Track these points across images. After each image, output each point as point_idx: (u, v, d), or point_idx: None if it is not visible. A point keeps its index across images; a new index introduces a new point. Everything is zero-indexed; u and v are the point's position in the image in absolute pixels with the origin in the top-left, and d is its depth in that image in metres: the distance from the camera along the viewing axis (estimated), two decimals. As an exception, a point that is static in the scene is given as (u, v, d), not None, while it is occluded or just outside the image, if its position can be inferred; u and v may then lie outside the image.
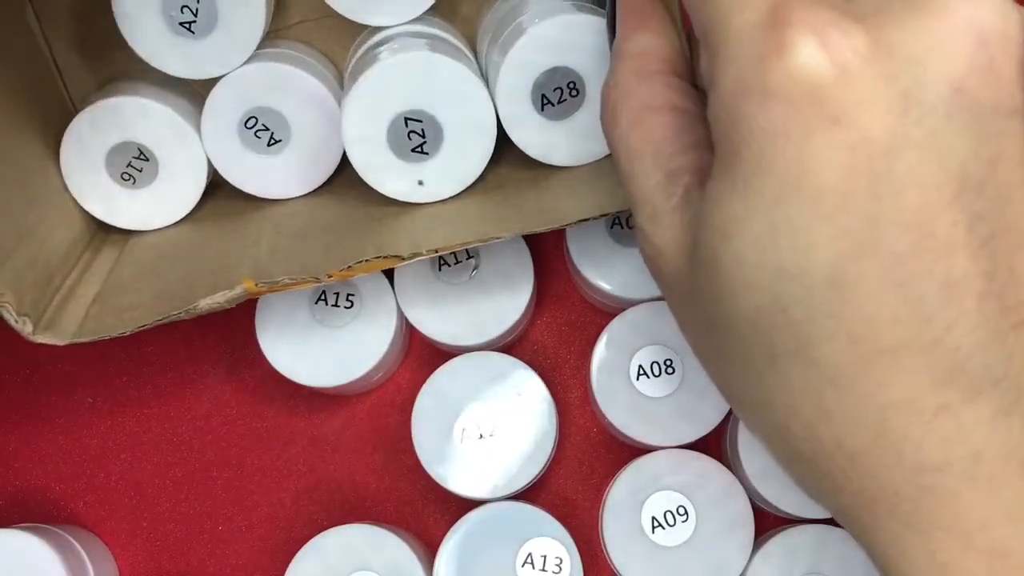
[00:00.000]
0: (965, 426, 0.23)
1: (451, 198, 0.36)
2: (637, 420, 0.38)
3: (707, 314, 0.26)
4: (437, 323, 0.38)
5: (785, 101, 0.23)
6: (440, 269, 0.38)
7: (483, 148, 0.35)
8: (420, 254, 0.32)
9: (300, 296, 0.38)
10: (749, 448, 0.38)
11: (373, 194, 0.36)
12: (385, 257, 0.32)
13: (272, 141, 0.37)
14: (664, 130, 0.28)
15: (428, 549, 0.40)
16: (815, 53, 0.23)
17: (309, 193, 0.38)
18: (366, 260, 0.32)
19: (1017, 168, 0.23)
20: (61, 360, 0.42)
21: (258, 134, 0.37)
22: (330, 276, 0.32)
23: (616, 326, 0.39)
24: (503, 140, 0.36)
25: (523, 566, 0.37)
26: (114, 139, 0.37)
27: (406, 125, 0.34)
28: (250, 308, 0.39)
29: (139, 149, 0.37)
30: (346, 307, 0.39)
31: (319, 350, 0.38)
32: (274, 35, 0.38)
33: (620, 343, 0.38)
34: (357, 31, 0.38)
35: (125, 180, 0.38)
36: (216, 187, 0.39)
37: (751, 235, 0.24)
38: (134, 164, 0.38)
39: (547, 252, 0.42)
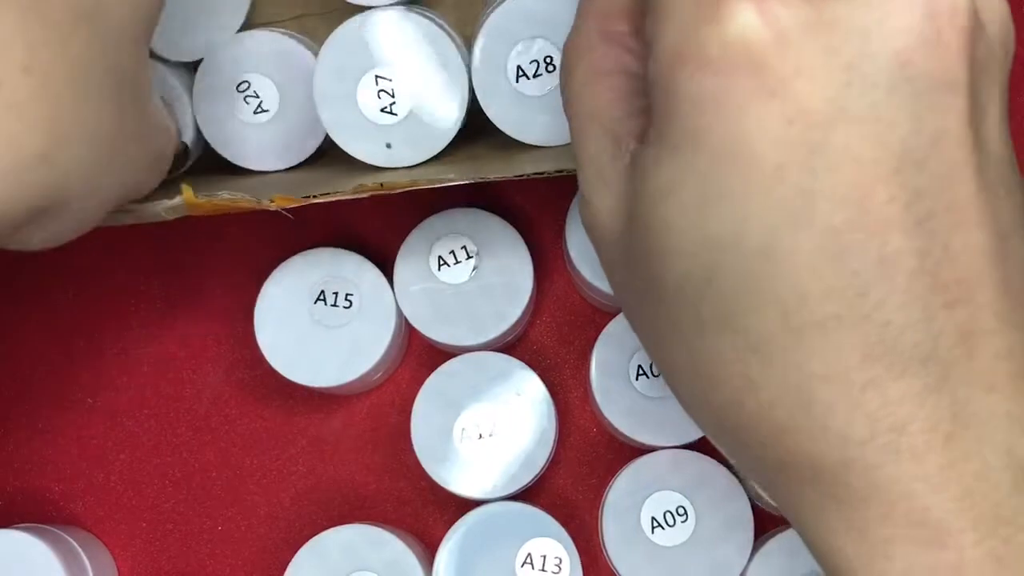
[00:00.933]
0: (891, 401, 0.23)
1: (419, 165, 0.35)
2: (637, 420, 0.38)
3: (640, 280, 0.26)
4: (436, 323, 0.38)
5: (720, 70, 0.23)
6: (439, 269, 0.38)
7: (453, 115, 0.35)
8: (364, 187, 0.32)
9: (299, 296, 0.38)
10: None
11: (352, 169, 0.35)
12: (327, 193, 0.32)
13: (260, 109, 0.37)
14: (615, 92, 0.27)
15: (428, 549, 0.40)
16: (753, 21, 0.22)
17: (287, 168, 0.38)
18: (313, 196, 0.32)
19: (960, 146, 0.23)
20: (59, 359, 0.42)
21: (247, 100, 0.37)
22: (273, 200, 0.32)
23: (616, 326, 0.39)
24: (480, 122, 0.36)
25: (522, 566, 0.37)
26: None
27: (376, 83, 0.34)
28: (249, 309, 0.39)
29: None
30: (345, 307, 0.38)
31: (318, 350, 0.38)
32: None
33: (620, 343, 0.38)
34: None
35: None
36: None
37: (683, 202, 0.24)
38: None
39: (547, 252, 0.42)
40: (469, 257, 0.38)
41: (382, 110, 0.35)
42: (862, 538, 0.24)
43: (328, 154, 0.37)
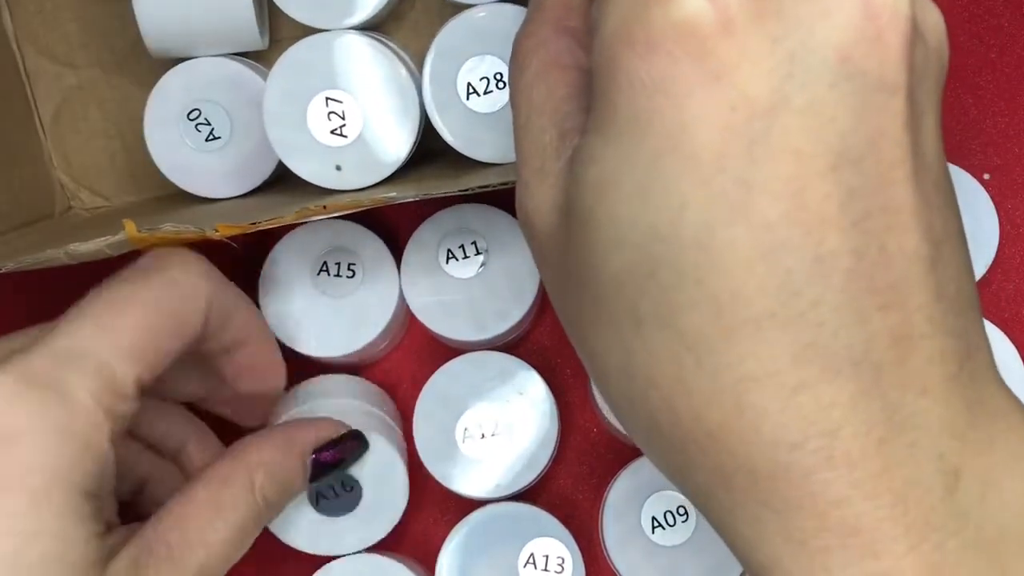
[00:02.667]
0: (823, 404, 0.23)
1: (370, 187, 0.35)
2: (637, 420, 0.38)
3: (577, 274, 0.25)
4: (439, 316, 0.39)
5: (666, 53, 0.22)
6: (448, 263, 0.38)
7: (405, 138, 0.35)
8: (308, 210, 0.32)
9: (302, 268, 0.38)
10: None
11: (303, 193, 0.35)
12: (272, 219, 0.32)
13: (211, 137, 0.37)
14: (567, 88, 0.27)
15: (430, 549, 0.40)
16: (701, 5, 0.22)
17: (239, 196, 0.38)
18: (256, 222, 0.32)
19: (896, 147, 0.23)
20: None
21: (199, 127, 0.37)
22: (217, 230, 0.32)
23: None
24: (430, 143, 0.36)
25: (525, 566, 0.37)
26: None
27: (327, 105, 0.34)
28: (253, 290, 0.39)
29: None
30: (348, 277, 0.39)
31: (324, 320, 0.38)
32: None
33: (621, 344, 0.39)
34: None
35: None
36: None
37: (624, 192, 0.23)
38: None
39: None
40: (478, 253, 0.38)
41: (332, 132, 0.35)
42: (800, 549, 0.24)
43: (282, 180, 0.37)
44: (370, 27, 0.37)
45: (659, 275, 0.23)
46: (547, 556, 0.37)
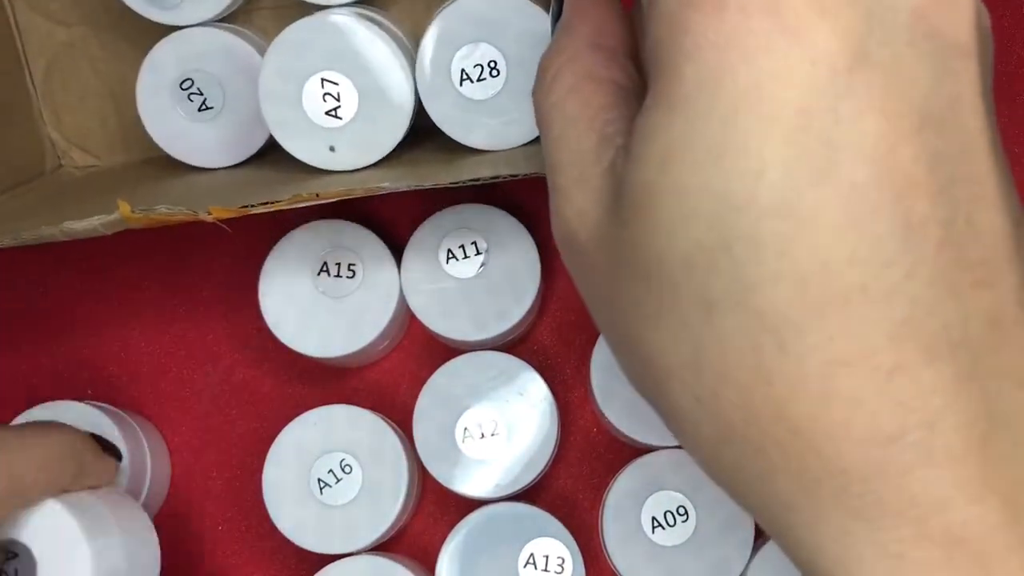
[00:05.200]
0: (923, 390, 0.21)
1: (362, 169, 0.36)
2: (637, 420, 0.38)
3: (633, 268, 0.23)
4: (439, 315, 0.39)
5: (738, 8, 0.21)
6: (448, 263, 0.38)
7: (398, 120, 0.35)
8: (300, 197, 0.32)
9: (302, 269, 0.39)
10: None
11: (295, 170, 0.36)
12: (266, 203, 0.32)
13: (204, 107, 0.37)
14: (605, 97, 0.26)
15: (430, 549, 0.40)
16: None
17: (232, 166, 0.38)
18: (251, 205, 0.32)
19: (975, 114, 0.22)
20: (60, 357, 0.42)
21: (191, 97, 0.37)
22: (210, 213, 0.32)
23: (617, 327, 0.39)
24: (424, 125, 0.36)
25: (525, 566, 0.37)
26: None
27: (322, 86, 0.35)
28: (253, 290, 0.39)
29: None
30: (348, 277, 0.39)
31: (325, 321, 0.38)
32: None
33: (621, 344, 0.39)
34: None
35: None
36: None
37: (693, 159, 0.21)
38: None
39: (553, 253, 0.42)
40: (478, 253, 0.38)
41: (327, 113, 0.35)
42: (898, 565, 0.21)
43: (273, 151, 0.37)
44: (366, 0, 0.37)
45: (734, 249, 0.21)
46: (547, 556, 0.37)
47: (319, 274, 0.39)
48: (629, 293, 0.24)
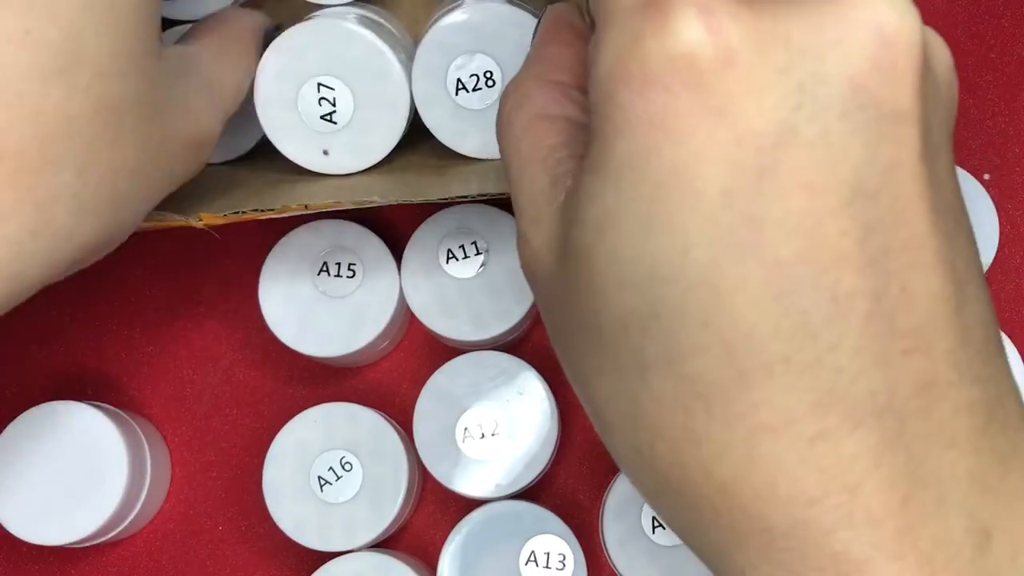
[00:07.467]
0: (844, 457, 0.22)
1: (355, 174, 0.36)
2: (638, 420, 0.38)
3: (579, 319, 0.24)
4: (439, 315, 0.39)
5: (664, 87, 0.21)
6: (448, 263, 0.38)
7: (393, 128, 0.35)
8: (290, 208, 0.32)
9: (302, 268, 0.39)
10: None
11: (288, 170, 0.36)
12: (256, 211, 0.32)
13: None
14: (556, 137, 0.26)
15: (431, 549, 0.40)
16: (699, 35, 0.21)
17: (226, 161, 0.38)
18: (242, 211, 0.32)
19: (914, 180, 0.22)
20: (59, 357, 0.42)
21: None
22: (200, 219, 0.32)
23: (617, 326, 0.39)
24: (418, 130, 0.36)
25: (526, 564, 0.37)
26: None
27: (318, 91, 0.35)
28: (253, 290, 0.39)
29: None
30: (348, 276, 0.39)
31: (325, 321, 0.38)
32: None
33: (621, 343, 0.39)
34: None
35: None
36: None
37: (625, 230, 0.22)
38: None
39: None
40: (479, 253, 0.38)
41: (322, 117, 0.35)
42: None
43: (267, 149, 0.37)
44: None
45: (664, 317, 0.22)
46: (548, 553, 0.37)
47: (319, 274, 0.39)
48: (578, 341, 0.25)
